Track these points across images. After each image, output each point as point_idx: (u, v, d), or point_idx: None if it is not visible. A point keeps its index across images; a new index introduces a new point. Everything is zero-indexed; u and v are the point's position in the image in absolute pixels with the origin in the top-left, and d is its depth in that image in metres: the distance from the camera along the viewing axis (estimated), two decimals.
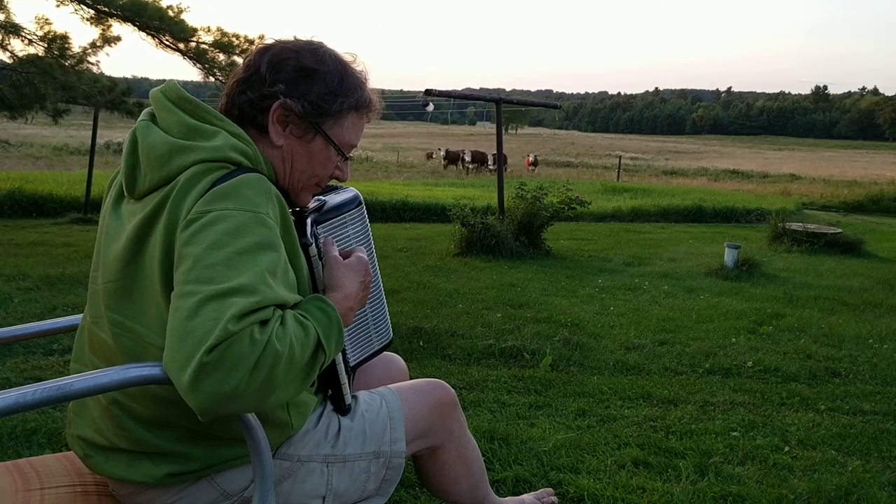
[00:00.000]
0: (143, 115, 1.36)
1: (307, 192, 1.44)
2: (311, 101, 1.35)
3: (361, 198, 1.61)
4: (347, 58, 1.42)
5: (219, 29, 9.00)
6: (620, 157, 31.04)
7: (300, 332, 1.14)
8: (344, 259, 1.40)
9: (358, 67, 1.43)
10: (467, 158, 29.64)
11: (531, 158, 30.89)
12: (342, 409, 1.53)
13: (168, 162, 1.26)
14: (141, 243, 1.26)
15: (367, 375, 1.77)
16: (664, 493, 2.48)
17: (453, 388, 1.77)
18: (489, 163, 29.27)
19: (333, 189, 1.59)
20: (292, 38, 1.41)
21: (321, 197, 1.51)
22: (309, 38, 1.42)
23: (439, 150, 32.49)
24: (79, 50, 8.64)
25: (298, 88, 1.34)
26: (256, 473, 1.26)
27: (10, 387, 1.10)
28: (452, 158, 30.59)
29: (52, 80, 8.07)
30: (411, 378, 1.86)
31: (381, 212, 11.84)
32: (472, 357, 4.02)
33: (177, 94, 1.34)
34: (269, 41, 1.41)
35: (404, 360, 1.99)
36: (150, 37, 8.76)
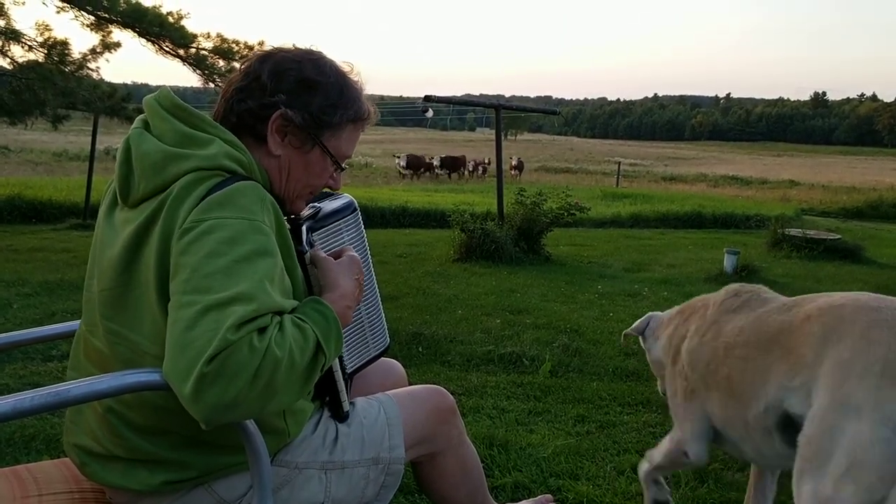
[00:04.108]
0: (137, 122, 1.36)
1: (301, 201, 1.45)
2: (311, 113, 1.36)
3: (356, 204, 1.62)
4: (345, 67, 1.43)
5: (219, 35, 9.02)
6: (620, 163, 31.03)
7: (299, 335, 1.14)
8: (336, 259, 1.40)
9: (355, 77, 1.44)
10: (402, 164, 28.41)
11: (514, 162, 30.11)
12: (340, 416, 1.52)
13: (162, 170, 1.26)
14: (136, 252, 1.26)
15: (366, 382, 1.77)
16: None
17: (452, 393, 1.77)
18: (437, 166, 28.78)
19: (328, 195, 1.60)
20: (292, 47, 1.42)
21: (316, 204, 1.52)
22: (309, 48, 1.43)
23: (394, 156, 31.51)
24: (79, 56, 8.66)
25: (299, 99, 1.35)
26: (255, 480, 1.26)
27: (9, 393, 1.09)
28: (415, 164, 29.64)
29: (52, 86, 8.08)
30: (410, 384, 1.86)
31: (381, 217, 11.85)
32: (471, 363, 4.02)
33: (171, 101, 1.34)
34: (267, 48, 1.42)
35: (403, 366, 1.99)
36: (150, 43, 8.78)
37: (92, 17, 8.52)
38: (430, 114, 9.85)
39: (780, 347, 1.72)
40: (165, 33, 8.63)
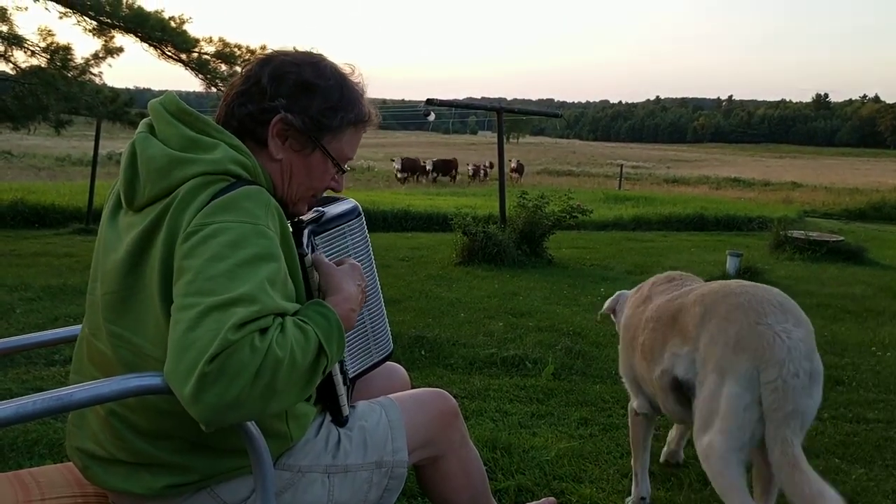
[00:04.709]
0: (142, 126, 1.36)
1: (303, 204, 1.46)
2: (311, 117, 1.36)
3: (360, 208, 1.62)
4: (346, 69, 1.43)
5: (220, 39, 9.05)
6: (622, 166, 30.95)
7: (300, 336, 1.14)
8: (338, 265, 1.40)
9: (356, 79, 1.44)
10: (397, 166, 28.91)
11: (514, 164, 29.49)
12: (339, 421, 1.52)
13: (168, 174, 1.26)
14: (140, 255, 1.26)
15: (369, 385, 1.77)
16: (667, 502, 2.47)
17: (455, 397, 1.77)
18: (429, 170, 29.22)
19: (332, 200, 1.60)
20: (292, 50, 1.42)
21: (320, 208, 1.52)
22: (309, 50, 1.43)
23: (392, 160, 31.82)
24: (81, 61, 8.71)
25: (299, 103, 1.35)
26: (258, 484, 1.26)
27: (12, 397, 1.09)
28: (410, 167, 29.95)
29: (55, 91, 8.12)
30: (413, 388, 1.86)
31: (383, 221, 11.86)
32: (474, 366, 4.02)
33: (176, 105, 1.35)
34: (268, 51, 1.42)
35: (406, 370, 1.99)
36: (152, 48, 8.81)
37: (94, 23, 8.56)
38: (431, 117, 9.90)
39: (676, 322, 2.11)
40: (167, 38, 8.66)
